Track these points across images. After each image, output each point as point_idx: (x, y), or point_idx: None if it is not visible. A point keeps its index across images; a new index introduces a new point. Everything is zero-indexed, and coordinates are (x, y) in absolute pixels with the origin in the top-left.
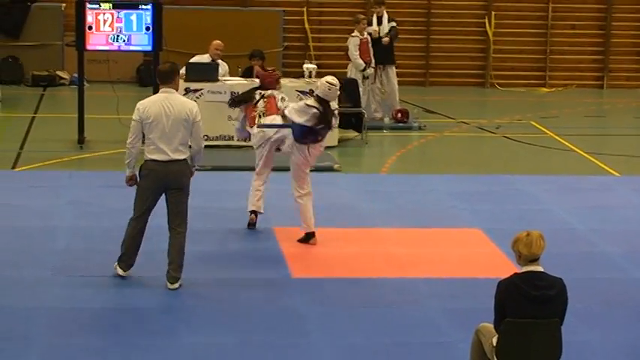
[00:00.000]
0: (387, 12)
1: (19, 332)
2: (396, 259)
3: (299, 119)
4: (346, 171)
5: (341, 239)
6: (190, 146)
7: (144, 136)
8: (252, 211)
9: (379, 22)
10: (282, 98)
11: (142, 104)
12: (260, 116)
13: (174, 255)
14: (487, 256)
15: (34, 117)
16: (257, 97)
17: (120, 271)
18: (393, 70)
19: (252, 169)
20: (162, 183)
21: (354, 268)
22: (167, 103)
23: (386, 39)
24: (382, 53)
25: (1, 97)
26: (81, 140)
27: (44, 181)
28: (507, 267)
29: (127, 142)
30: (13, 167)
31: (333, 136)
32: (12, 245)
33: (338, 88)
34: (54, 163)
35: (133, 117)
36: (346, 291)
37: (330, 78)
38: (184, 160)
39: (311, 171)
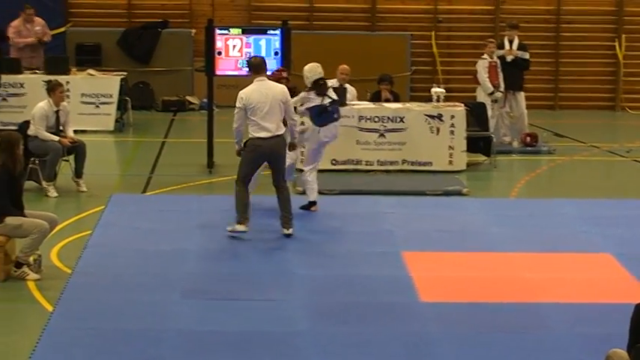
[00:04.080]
0: (518, 36)
1: (150, 355)
2: (525, 283)
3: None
4: (475, 195)
5: (470, 263)
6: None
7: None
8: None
9: (511, 47)
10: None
11: (243, 93)
12: None
13: (283, 206)
14: (618, 281)
15: (164, 142)
16: None
17: (242, 228)
18: (522, 96)
19: (381, 193)
20: (266, 156)
21: (483, 293)
22: (263, 89)
23: (510, 56)
24: (512, 79)
25: (132, 122)
26: (210, 164)
27: (174, 205)
28: (638, 292)
29: (234, 126)
30: (144, 191)
31: (461, 161)
32: (142, 268)
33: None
34: (183, 188)
35: (237, 104)
36: (475, 315)
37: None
38: (281, 134)
39: (439, 195)
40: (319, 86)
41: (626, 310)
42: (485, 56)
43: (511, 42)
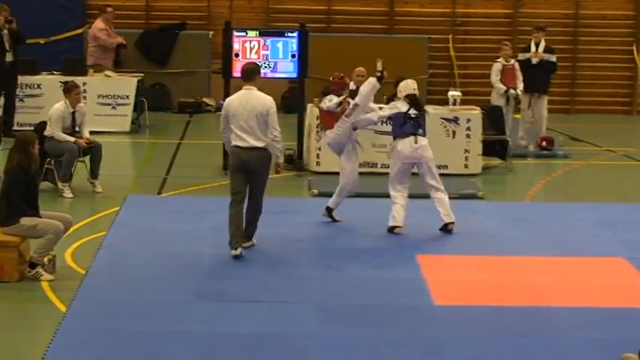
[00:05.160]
0: (545, 40)
1: (163, 356)
2: (539, 287)
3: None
4: (490, 199)
5: (484, 267)
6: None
7: None
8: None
9: (537, 49)
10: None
11: (227, 100)
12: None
13: (246, 226)
14: (631, 285)
15: (180, 143)
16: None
17: (235, 252)
18: (544, 100)
19: None
20: (243, 166)
21: (497, 296)
22: (246, 98)
23: (536, 58)
24: (537, 82)
25: (149, 124)
26: (226, 166)
27: (189, 207)
28: None
29: (220, 130)
30: (159, 193)
31: (477, 164)
32: (156, 270)
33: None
34: (199, 189)
35: (222, 111)
36: (489, 319)
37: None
38: (262, 147)
39: (454, 198)
40: (412, 97)
41: None
42: (499, 59)
43: (537, 44)
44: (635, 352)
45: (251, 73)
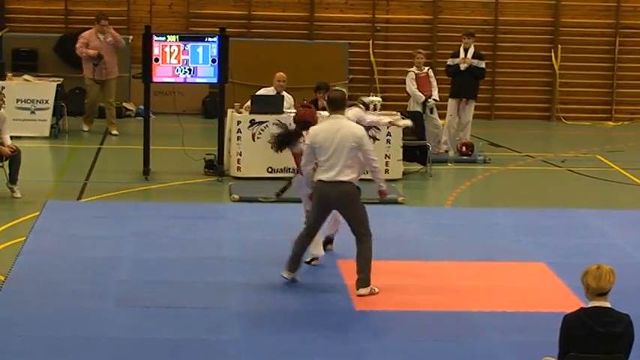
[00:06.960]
0: (475, 46)
1: None
2: (459, 292)
3: None
4: (410, 204)
5: (405, 272)
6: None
7: None
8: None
9: (465, 55)
10: None
11: (313, 129)
12: None
13: (359, 261)
14: (551, 290)
15: (99, 148)
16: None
17: (284, 274)
18: (472, 105)
19: None
20: (326, 201)
21: (418, 301)
22: (335, 128)
23: (464, 64)
24: (465, 87)
25: (68, 129)
26: (146, 171)
27: (109, 212)
28: (571, 301)
29: (302, 164)
30: (79, 198)
31: (397, 169)
32: (76, 276)
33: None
34: (119, 194)
35: (306, 141)
36: (409, 324)
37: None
38: (347, 181)
39: (376, 203)
40: None
41: (559, 319)
42: (412, 69)
43: (466, 50)
44: (554, 356)
45: (337, 101)
